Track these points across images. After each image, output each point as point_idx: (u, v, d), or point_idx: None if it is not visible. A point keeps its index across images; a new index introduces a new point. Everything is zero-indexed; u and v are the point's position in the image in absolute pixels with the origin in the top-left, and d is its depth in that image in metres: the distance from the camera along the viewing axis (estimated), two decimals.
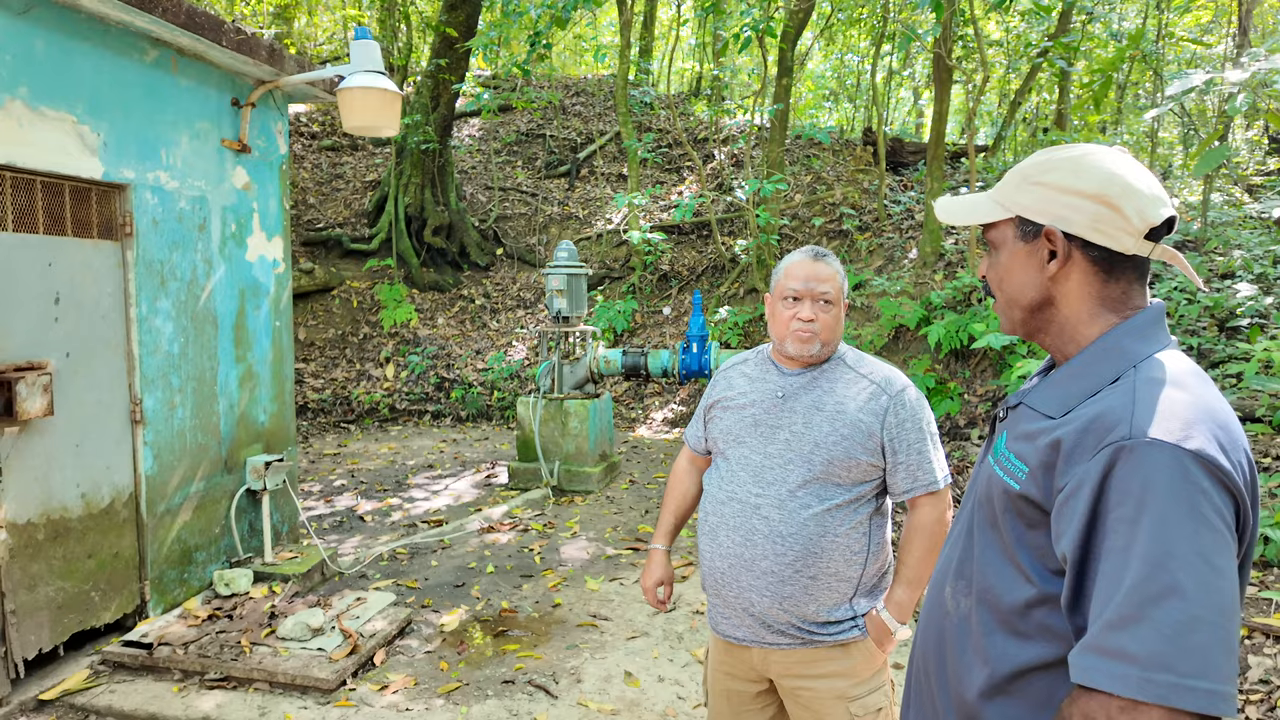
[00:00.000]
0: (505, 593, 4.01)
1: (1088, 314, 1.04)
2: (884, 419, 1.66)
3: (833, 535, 1.65)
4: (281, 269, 4.22)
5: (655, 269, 9.70)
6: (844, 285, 1.75)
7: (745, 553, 1.69)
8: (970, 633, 1.06)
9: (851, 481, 1.66)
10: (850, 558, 1.66)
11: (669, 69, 10.64)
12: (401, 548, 4.66)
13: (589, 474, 5.81)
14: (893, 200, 9.52)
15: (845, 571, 1.66)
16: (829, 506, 1.66)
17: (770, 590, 1.67)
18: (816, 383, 1.72)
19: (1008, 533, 1.01)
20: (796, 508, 1.66)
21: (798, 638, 1.69)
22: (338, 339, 9.49)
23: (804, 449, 1.68)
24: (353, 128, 3.64)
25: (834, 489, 1.66)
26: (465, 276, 10.73)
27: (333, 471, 6.50)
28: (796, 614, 1.68)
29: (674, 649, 3.40)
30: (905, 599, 1.67)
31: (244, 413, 3.96)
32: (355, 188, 11.36)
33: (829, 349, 1.73)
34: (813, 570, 1.66)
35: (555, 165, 12.37)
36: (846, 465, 1.65)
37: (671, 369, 5.76)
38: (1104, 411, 0.92)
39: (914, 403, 1.69)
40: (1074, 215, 1.01)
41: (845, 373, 1.72)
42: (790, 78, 8.54)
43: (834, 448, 1.65)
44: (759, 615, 1.69)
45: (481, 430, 8.29)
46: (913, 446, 1.66)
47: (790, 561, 1.66)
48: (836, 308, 1.72)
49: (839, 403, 1.67)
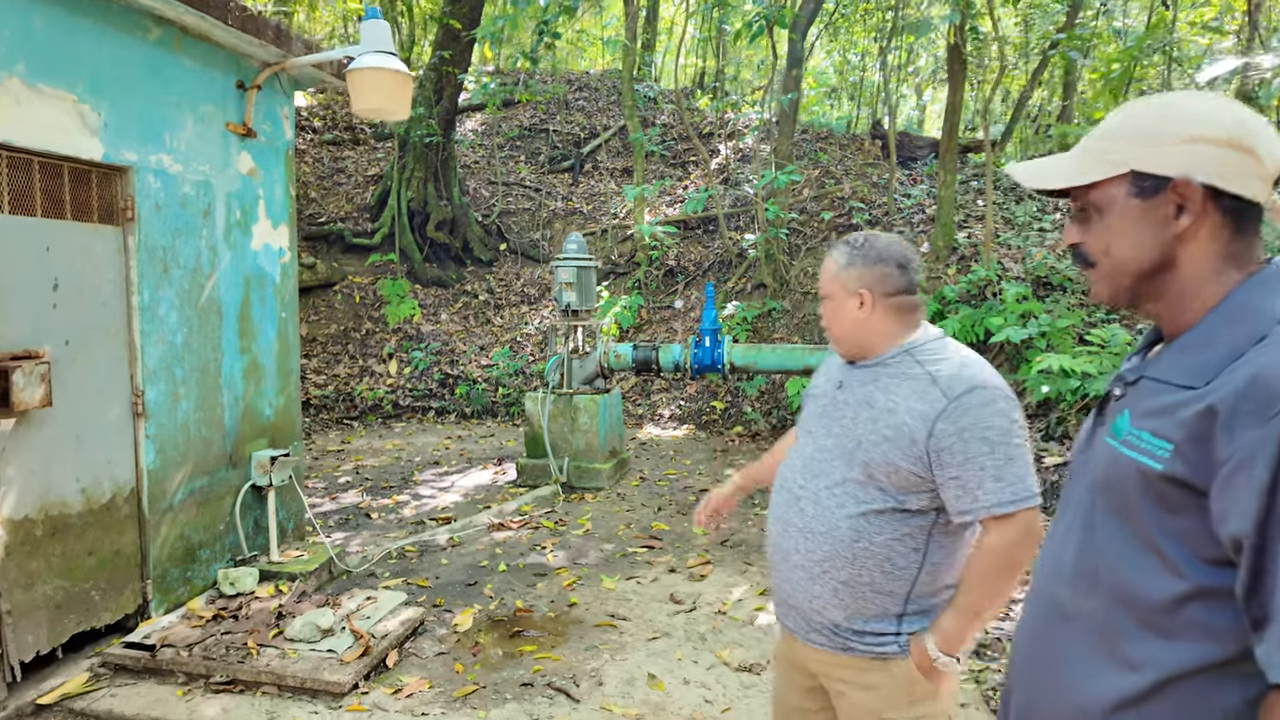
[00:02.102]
0: (519, 591, 3.89)
1: (1212, 273, 0.94)
2: (933, 425, 1.44)
3: (868, 542, 1.52)
4: (287, 258, 4.09)
5: (661, 264, 9.58)
6: (844, 275, 1.58)
7: (783, 543, 1.65)
8: (1101, 637, 0.93)
9: (896, 489, 1.50)
10: (891, 571, 1.51)
11: (676, 63, 10.49)
12: (410, 545, 4.54)
13: (599, 470, 5.69)
14: (902, 194, 9.40)
15: (884, 584, 1.52)
16: (867, 510, 1.53)
17: (800, 586, 1.61)
18: (877, 377, 1.58)
19: (1146, 520, 0.89)
20: (832, 505, 1.56)
21: (835, 641, 1.59)
22: (340, 335, 9.36)
23: (848, 446, 1.56)
24: (362, 111, 3.52)
25: (876, 493, 1.52)
26: (469, 272, 10.60)
27: (337, 468, 6.37)
28: (825, 616, 1.58)
29: (697, 650, 3.27)
30: (954, 629, 1.47)
31: (249, 406, 3.84)
32: (357, 182, 11.23)
33: (846, 345, 1.62)
34: (842, 575, 1.55)
35: (559, 160, 12.24)
36: (885, 470, 1.50)
37: (684, 364, 5.64)
38: (1263, 373, 0.81)
39: (981, 409, 1.42)
40: (1204, 163, 0.91)
41: (910, 368, 1.54)
42: (800, 69, 8.42)
43: (873, 449, 1.52)
44: (795, 608, 1.64)
45: (487, 427, 8.16)
46: (971, 460, 1.41)
47: (818, 560, 1.57)
48: (833, 301, 1.61)
49: (890, 401, 1.52)
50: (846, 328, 1.60)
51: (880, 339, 1.58)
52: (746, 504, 5.35)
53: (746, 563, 4.28)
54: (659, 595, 3.83)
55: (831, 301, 1.62)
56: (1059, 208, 8.37)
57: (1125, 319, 6.12)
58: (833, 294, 1.61)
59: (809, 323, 8.21)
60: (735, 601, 3.75)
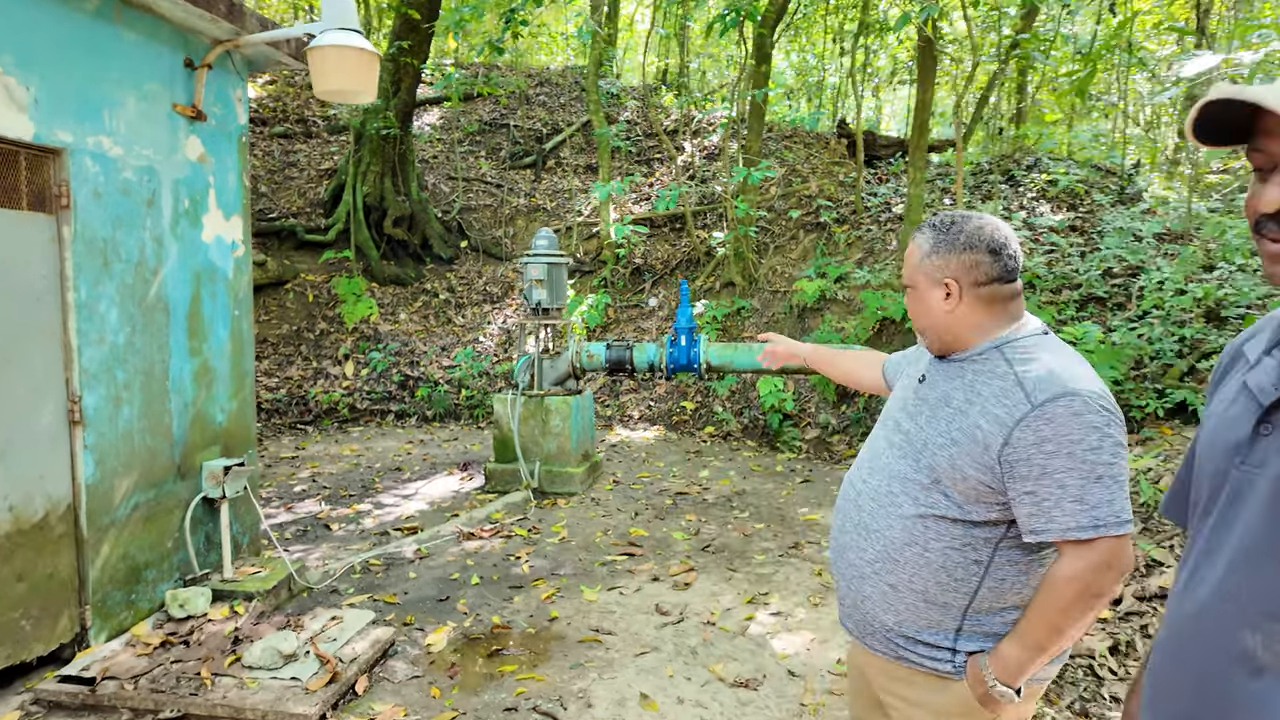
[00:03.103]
0: (495, 606, 3.67)
1: None
2: (1011, 432, 1.28)
3: (921, 548, 1.39)
4: (241, 252, 3.80)
5: (628, 262, 9.40)
6: (928, 263, 1.44)
7: (840, 538, 1.56)
8: None
9: (963, 496, 1.36)
10: (947, 582, 1.37)
11: (643, 59, 10.34)
12: (375, 558, 4.28)
13: (572, 475, 5.48)
14: (869, 193, 9.40)
15: (937, 595, 1.39)
16: (924, 514, 1.39)
17: (854, 585, 1.51)
18: (961, 373, 1.43)
19: None
20: (890, 504, 1.45)
21: (889, 647, 1.47)
22: (292, 335, 8.95)
23: (917, 445, 1.44)
24: (325, 92, 3.26)
25: (939, 498, 1.38)
26: (428, 270, 10.27)
27: (292, 476, 6.04)
28: (877, 619, 1.47)
29: (689, 665, 3.11)
30: (1013, 658, 1.32)
31: (199, 412, 3.54)
32: (310, 176, 10.79)
33: (932, 338, 1.48)
34: (891, 578, 1.43)
35: (520, 156, 11.96)
36: (952, 476, 1.36)
37: (659, 363, 5.47)
38: None
39: (1068, 419, 1.25)
40: None
41: (998, 365, 1.38)
42: (769, 65, 8.33)
43: (939, 452, 1.38)
44: (851, 609, 1.54)
45: (450, 430, 7.88)
46: (1051, 475, 1.25)
47: (871, 560, 1.47)
48: (917, 291, 1.47)
49: (968, 401, 1.38)
50: (932, 321, 1.45)
51: (970, 332, 1.43)
52: (726, 507, 5.21)
53: (730, 569, 4.13)
54: (644, 606, 3.65)
55: (915, 292, 1.47)
56: (1024, 206, 8.45)
57: (1096, 316, 6.16)
58: (916, 284, 1.46)
59: (778, 321, 8.13)
60: (724, 611, 3.60)
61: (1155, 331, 5.62)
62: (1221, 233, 6.18)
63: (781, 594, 3.81)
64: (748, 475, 6.06)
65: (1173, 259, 6.58)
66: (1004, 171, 9.47)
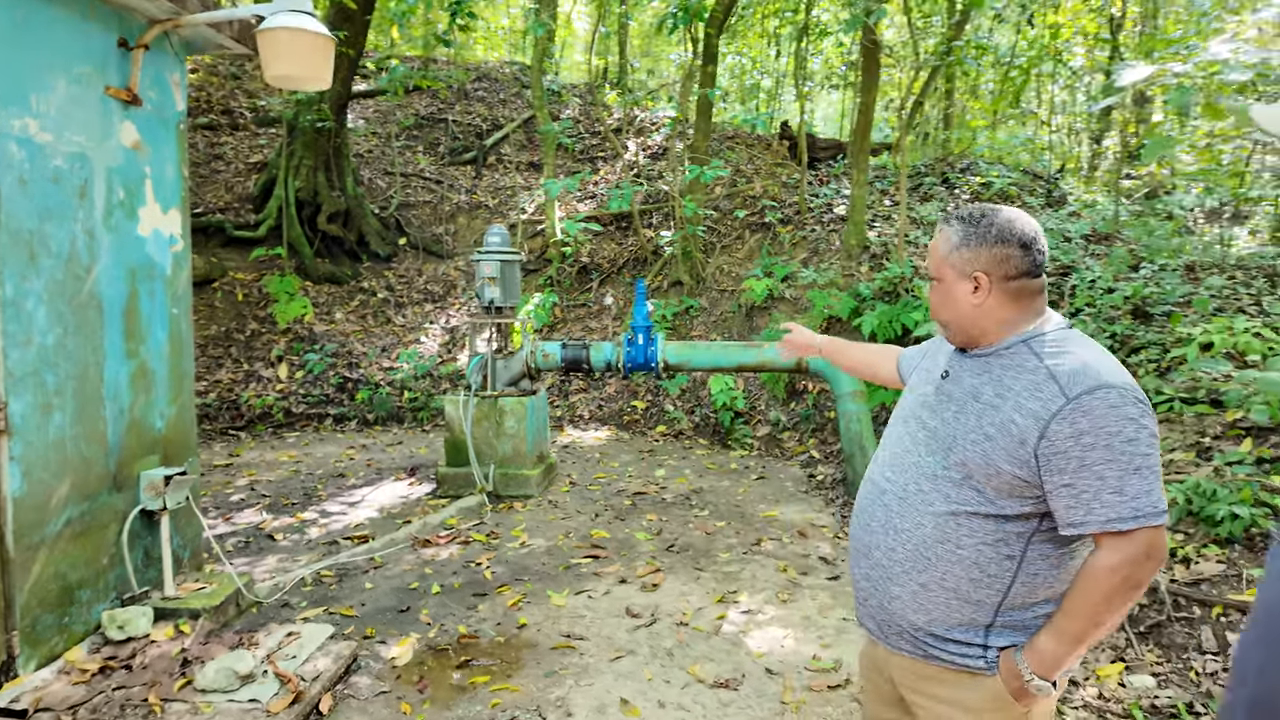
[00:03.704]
0: (459, 615, 3.55)
1: None
2: (1048, 426, 1.28)
3: (954, 545, 1.38)
4: (180, 247, 3.56)
5: (575, 261, 9.30)
6: (956, 255, 1.42)
7: (865, 538, 1.52)
8: None
9: (995, 491, 1.35)
10: (980, 579, 1.37)
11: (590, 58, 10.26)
12: (326, 569, 4.08)
13: (528, 477, 5.37)
14: (811, 194, 9.55)
15: (970, 593, 1.38)
16: (957, 511, 1.38)
17: (879, 587, 1.48)
18: (988, 368, 1.42)
19: None
20: (919, 503, 1.43)
21: (916, 646, 1.45)
22: (221, 336, 8.51)
23: (945, 441, 1.41)
24: (275, 78, 3.08)
25: (970, 493, 1.37)
26: (365, 268, 9.93)
27: (228, 485, 5.72)
28: (905, 619, 1.44)
29: (666, 668, 3.06)
30: (1050, 651, 1.33)
31: (137, 418, 3.30)
32: (238, 170, 10.29)
33: (956, 332, 1.46)
34: (923, 577, 1.41)
35: (460, 152, 11.70)
36: (985, 472, 1.35)
37: (616, 362, 5.41)
38: None
39: (1106, 411, 1.25)
40: None
41: (1026, 360, 1.37)
42: (715, 65, 8.37)
43: (971, 448, 1.36)
44: (875, 609, 1.51)
45: (393, 434, 7.63)
46: (1089, 468, 1.25)
47: (900, 559, 1.44)
48: (941, 284, 1.45)
49: (999, 395, 1.36)
50: (958, 314, 1.43)
51: (997, 327, 1.41)
52: (685, 506, 5.19)
53: (697, 568, 4.11)
54: (614, 609, 3.59)
55: (941, 285, 1.45)
56: (960, 207, 8.72)
57: None
58: (943, 276, 1.44)
59: (726, 320, 8.18)
60: (695, 611, 3.57)
61: (1088, 329, 5.87)
62: (1150, 233, 6.51)
63: (750, 591, 3.81)
64: (703, 473, 6.06)
65: (1100, 259, 6.90)
66: (940, 174, 9.78)
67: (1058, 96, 12.45)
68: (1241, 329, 4.62)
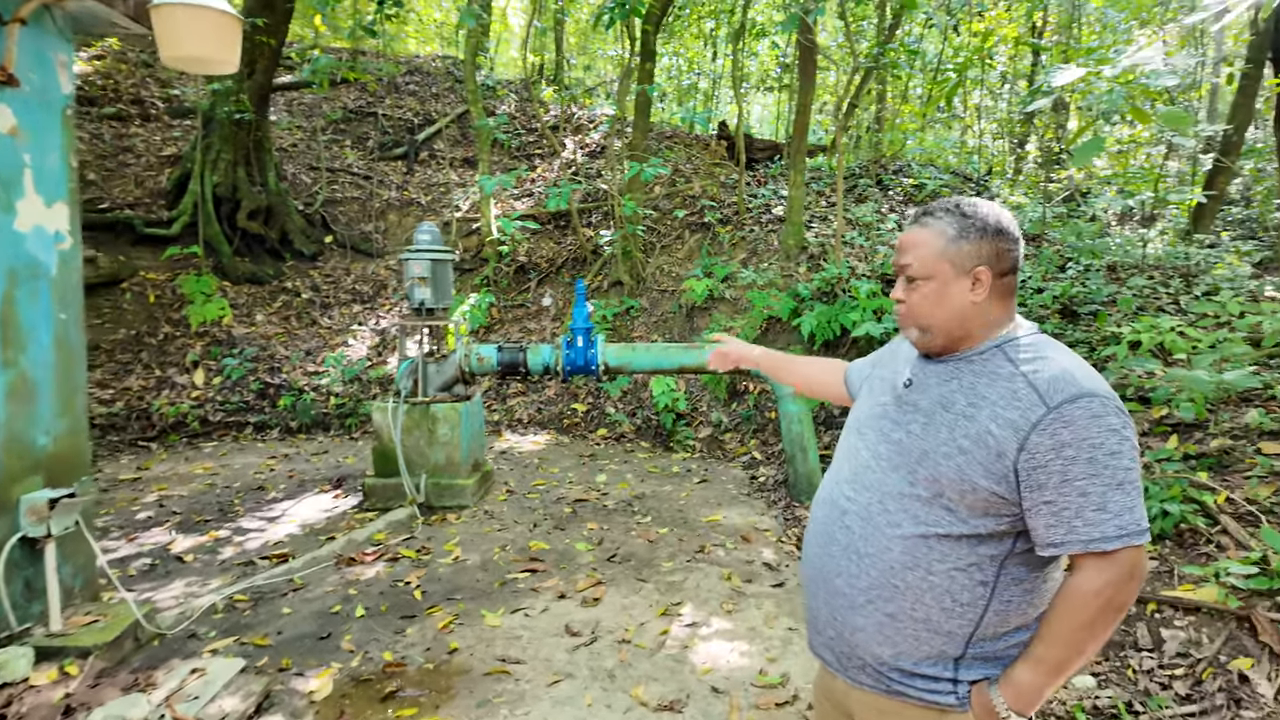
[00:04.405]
0: (385, 641, 3.32)
1: None
2: (1027, 438, 1.18)
3: (924, 571, 1.26)
4: (68, 244, 3.23)
5: (512, 260, 9.05)
6: (955, 249, 1.31)
7: (824, 563, 1.39)
8: None
9: (968, 510, 1.24)
10: (951, 607, 1.26)
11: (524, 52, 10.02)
12: (240, 593, 3.78)
13: (462, 487, 5.14)
14: (750, 194, 9.54)
15: (941, 623, 1.27)
16: (926, 533, 1.26)
17: (841, 615, 1.35)
18: (958, 374, 1.30)
19: None
20: (883, 524, 1.30)
21: (880, 682, 1.33)
22: (131, 340, 7.96)
23: (912, 456, 1.29)
24: (174, 60, 2.80)
25: (940, 513, 1.26)
26: (288, 267, 9.46)
27: (134, 501, 5.31)
28: (869, 651, 1.32)
29: (608, 691, 2.91)
30: (1028, 683, 1.23)
31: (15, 434, 2.96)
32: (149, 163, 9.67)
33: (937, 336, 1.33)
34: (890, 606, 1.29)
35: (390, 147, 11.30)
36: (959, 489, 1.24)
37: (555, 365, 5.22)
38: None
39: (1088, 422, 1.16)
40: None
41: (1001, 366, 1.27)
42: (654, 62, 8.26)
43: (943, 462, 1.25)
44: (834, 640, 1.38)
45: (318, 443, 7.25)
46: (1071, 483, 1.16)
47: (864, 588, 1.31)
48: (931, 282, 1.32)
49: (972, 405, 1.26)
50: (950, 315, 1.31)
51: (983, 328, 1.31)
52: (627, 513, 5.05)
53: (640, 579, 3.96)
54: (552, 628, 3.41)
55: (932, 283, 1.31)
56: (894, 209, 8.83)
57: None
58: (937, 273, 1.31)
59: (668, 320, 8.07)
60: (638, 626, 3.42)
61: None
62: (1078, 235, 6.68)
63: (694, 602, 3.69)
64: (645, 477, 5.93)
65: (1029, 259, 7.05)
66: (874, 176, 9.90)
67: (983, 101, 12.82)
68: (1167, 328, 4.74)
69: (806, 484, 5.17)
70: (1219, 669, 2.96)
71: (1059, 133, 11.54)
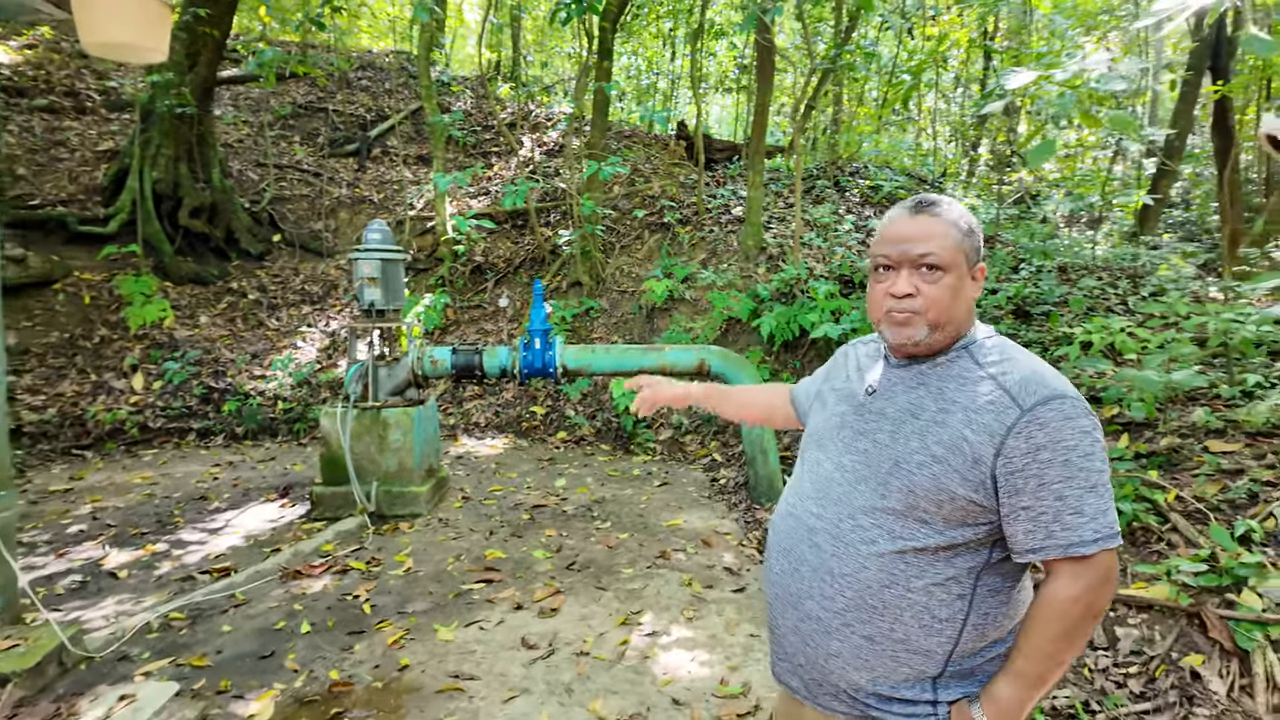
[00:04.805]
0: (332, 658, 3.17)
1: None
2: (1003, 442, 1.15)
3: (903, 588, 1.20)
4: None
5: (469, 260, 8.87)
6: (964, 242, 1.26)
7: (791, 585, 1.30)
8: None
9: (944, 521, 1.19)
10: (931, 624, 1.20)
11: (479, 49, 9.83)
12: (177, 611, 3.58)
13: (415, 494, 4.98)
14: (709, 195, 9.51)
15: (920, 641, 1.21)
16: (904, 548, 1.20)
17: (814, 640, 1.27)
18: (924, 380, 1.25)
19: None
20: (857, 541, 1.24)
21: (853, 707, 1.26)
22: (64, 344, 7.58)
23: (882, 467, 1.23)
24: (95, 46, 2.62)
25: (915, 526, 1.20)
26: (234, 267, 9.13)
27: (66, 514, 5.03)
28: (844, 677, 1.25)
29: (565, 707, 2.81)
30: (1010, 698, 1.18)
31: None
32: (84, 158, 9.24)
33: (943, 334, 1.26)
34: (868, 629, 1.23)
35: (341, 143, 11.01)
36: (935, 499, 1.18)
37: (511, 368, 5.10)
38: None
39: (1061, 424, 1.14)
40: None
41: (968, 369, 1.22)
42: (611, 61, 8.16)
43: (917, 471, 1.19)
44: (803, 665, 1.30)
45: (265, 449, 6.99)
46: (1048, 487, 1.13)
47: (839, 610, 1.24)
48: (950, 274, 1.24)
49: (943, 410, 1.20)
50: (963, 310, 1.26)
51: (964, 328, 1.28)
52: (586, 518, 4.95)
53: (599, 587, 3.87)
54: (508, 641, 3.30)
55: (949, 276, 1.24)
56: (851, 210, 8.89)
57: None
58: (954, 265, 1.24)
59: (628, 321, 7.99)
60: (597, 637, 3.33)
61: None
62: (1031, 236, 6.78)
63: (654, 610, 3.61)
64: (605, 481, 5.84)
65: (984, 260, 7.15)
66: (831, 177, 9.96)
67: (937, 104, 13.03)
68: (1117, 329, 4.82)
69: (767, 486, 5.14)
70: (1171, 666, 2.99)
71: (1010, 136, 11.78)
